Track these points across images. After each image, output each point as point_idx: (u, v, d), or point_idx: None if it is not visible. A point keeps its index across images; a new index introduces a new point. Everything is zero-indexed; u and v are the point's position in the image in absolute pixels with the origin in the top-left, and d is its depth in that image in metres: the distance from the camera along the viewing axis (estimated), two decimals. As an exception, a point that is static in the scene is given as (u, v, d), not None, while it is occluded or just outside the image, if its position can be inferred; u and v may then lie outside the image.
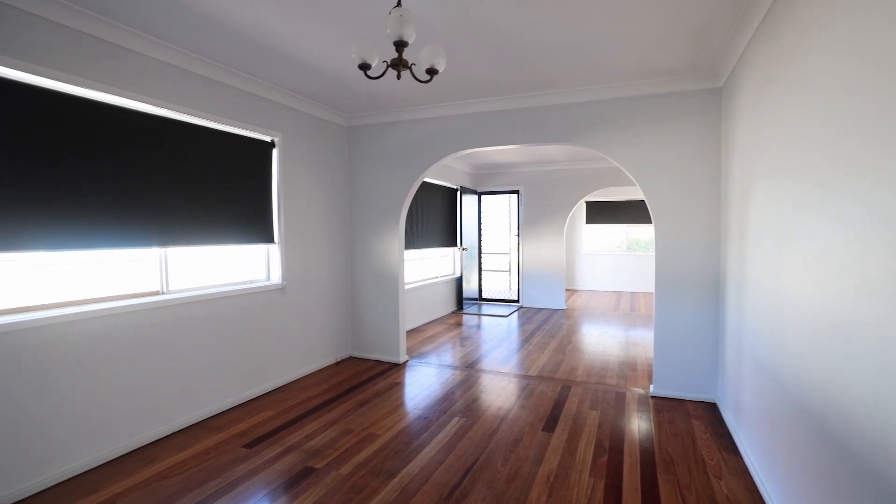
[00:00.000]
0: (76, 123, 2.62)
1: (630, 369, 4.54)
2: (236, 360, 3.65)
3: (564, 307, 8.23)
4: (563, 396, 3.81)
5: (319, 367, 4.56)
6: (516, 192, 8.54)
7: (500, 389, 3.99)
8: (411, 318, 6.54)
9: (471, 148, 4.43)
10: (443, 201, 7.57)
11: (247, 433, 3.12)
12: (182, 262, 3.38)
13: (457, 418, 3.38)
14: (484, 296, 8.96)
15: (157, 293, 3.16)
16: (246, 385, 3.73)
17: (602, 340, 5.78)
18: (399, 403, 3.67)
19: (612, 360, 4.86)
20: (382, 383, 4.15)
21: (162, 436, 3.05)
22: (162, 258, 3.20)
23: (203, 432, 3.14)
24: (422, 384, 4.13)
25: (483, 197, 8.86)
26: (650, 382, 4.12)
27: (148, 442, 2.97)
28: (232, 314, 3.61)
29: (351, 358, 4.97)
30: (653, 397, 3.78)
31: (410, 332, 6.26)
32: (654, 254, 3.79)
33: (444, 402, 3.70)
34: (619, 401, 3.70)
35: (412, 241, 6.50)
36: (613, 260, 10.83)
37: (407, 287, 6.40)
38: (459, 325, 6.81)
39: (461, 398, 3.78)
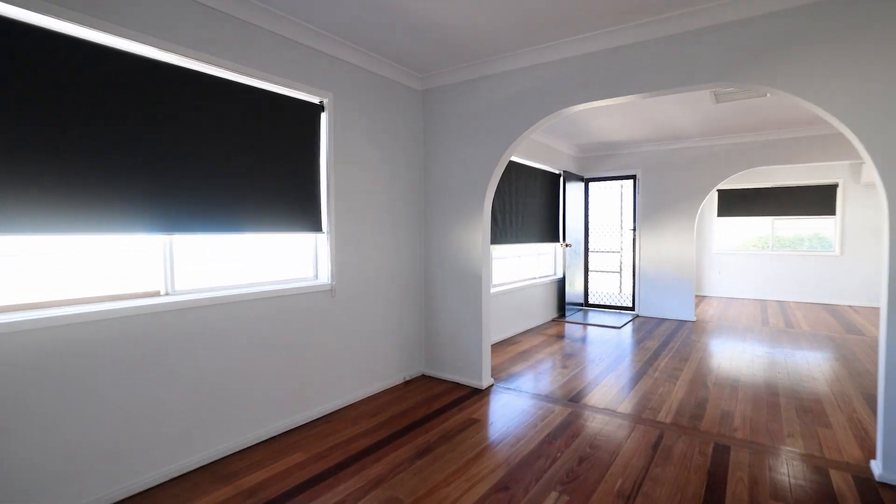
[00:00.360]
0: (54, 68, 1.93)
1: (819, 422, 3.06)
2: (268, 381, 2.85)
3: (694, 318, 6.61)
4: (719, 468, 2.50)
5: (382, 389, 3.66)
6: (632, 177, 7.07)
7: (618, 442, 2.78)
8: (501, 326, 5.44)
9: (578, 104, 3.23)
10: (542, 188, 6.37)
11: (259, 490, 2.28)
12: (199, 256, 2.65)
13: (556, 493, 2.25)
14: (590, 301, 7.59)
15: (156, 294, 2.44)
16: (279, 413, 2.92)
17: (756, 368, 4.23)
18: (472, 456, 2.62)
19: (785, 404, 3.37)
20: (454, 419, 3.13)
21: (154, 484, 2.31)
22: (166, 249, 2.47)
23: (207, 482, 2.35)
24: (507, 423, 3.05)
25: (591, 184, 7.49)
26: (865, 452, 2.63)
27: (130, 494, 2.23)
28: (262, 323, 2.82)
29: (423, 376, 4.02)
30: (882, 484, 2.33)
31: (499, 345, 5.17)
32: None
33: (536, 458, 2.59)
34: (821, 487, 2.31)
35: (503, 234, 5.40)
36: (754, 261, 8.78)
37: (496, 289, 5.32)
38: (561, 336, 5.58)
39: (562, 454, 2.64)
